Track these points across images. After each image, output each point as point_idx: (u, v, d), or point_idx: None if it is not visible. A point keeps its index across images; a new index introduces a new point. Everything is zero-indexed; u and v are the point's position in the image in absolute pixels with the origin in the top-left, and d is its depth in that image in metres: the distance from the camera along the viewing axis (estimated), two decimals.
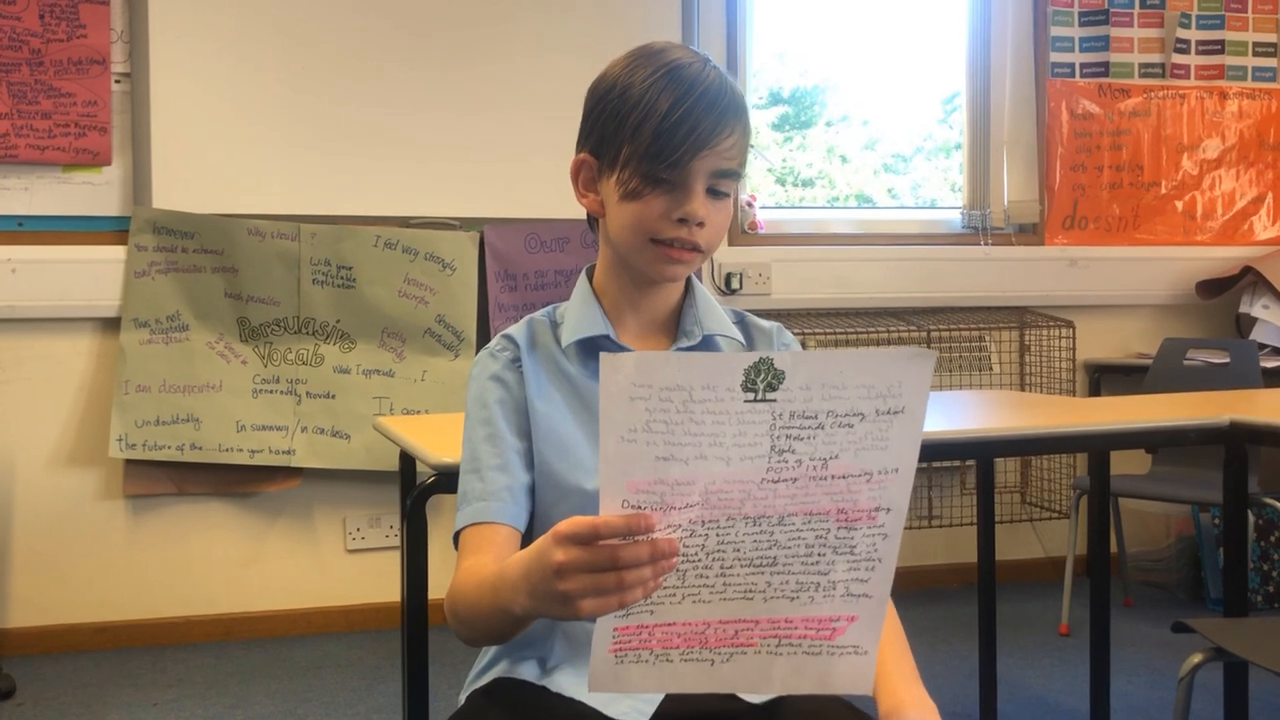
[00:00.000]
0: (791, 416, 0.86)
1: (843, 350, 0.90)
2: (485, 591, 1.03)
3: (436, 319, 3.48)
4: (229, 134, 3.37)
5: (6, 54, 3.22)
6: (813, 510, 0.89)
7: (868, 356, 0.87)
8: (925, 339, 3.85)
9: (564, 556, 0.86)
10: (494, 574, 1.02)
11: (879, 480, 0.89)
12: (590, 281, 1.28)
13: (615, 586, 0.85)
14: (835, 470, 0.88)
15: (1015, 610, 3.55)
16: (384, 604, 3.48)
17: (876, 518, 0.90)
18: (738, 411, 0.85)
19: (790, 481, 0.88)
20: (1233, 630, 1.86)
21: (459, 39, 3.53)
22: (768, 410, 0.85)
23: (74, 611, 3.32)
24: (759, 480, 0.87)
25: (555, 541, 0.87)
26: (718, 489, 0.87)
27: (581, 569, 0.86)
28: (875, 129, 4.37)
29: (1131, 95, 4.15)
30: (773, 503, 0.88)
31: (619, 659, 0.92)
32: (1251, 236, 4.27)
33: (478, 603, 1.06)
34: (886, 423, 0.88)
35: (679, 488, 0.86)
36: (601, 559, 0.85)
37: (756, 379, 0.84)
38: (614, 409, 0.84)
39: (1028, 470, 4.01)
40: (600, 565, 0.85)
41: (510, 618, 0.99)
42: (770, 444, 0.86)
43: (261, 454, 3.37)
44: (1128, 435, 2.22)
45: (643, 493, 0.85)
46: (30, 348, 3.29)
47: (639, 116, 1.15)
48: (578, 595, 0.86)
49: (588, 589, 0.86)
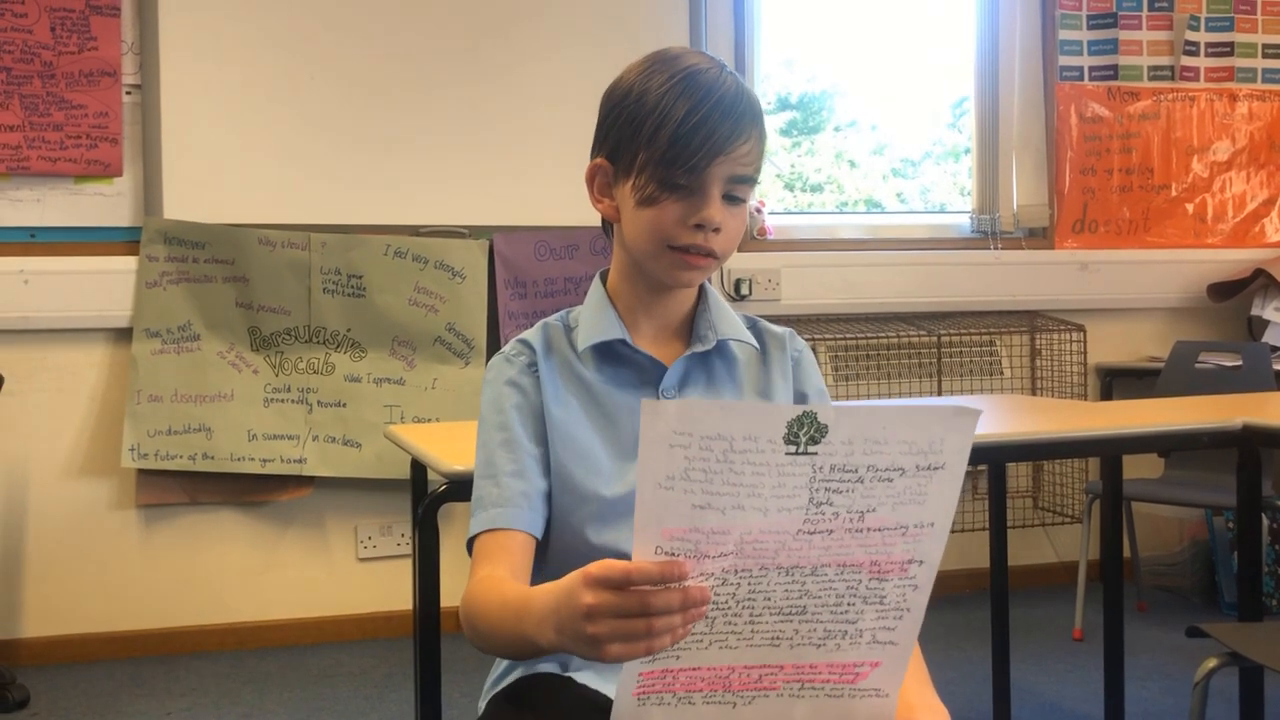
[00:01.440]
0: (832, 470, 0.85)
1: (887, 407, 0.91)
2: (508, 615, 1.02)
3: (447, 327, 3.49)
4: (239, 144, 3.39)
5: (19, 67, 3.24)
6: (846, 562, 0.89)
7: (912, 414, 0.87)
8: (935, 343, 3.84)
9: (594, 599, 0.85)
10: (518, 599, 1.00)
11: (914, 534, 0.89)
12: (605, 285, 1.28)
13: (644, 633, 0.84)
14: (872, 523, 0.87)
15: (1028, 616, 3.54)
16: (396, 612, 3.48)
17: (909, 570, 0.90)
18: (778, 464, 0.84)
19: (826, 534, 0.87)
20: (1248, 635, 1.85)
21: (468, 48, 3.54)
22: (808, 463, 0.84)
23: (87, 621, 3.33)
24: (795, 532, 0.86)
25: (585, 583, 0.86)
26: (753, 539, 0.86)
27: (611, 613, 0.84)
28: (884, 134, 4.37)
29: (1141, 98, 4.14)
30: (807, 554, 0.87)
31: (641, 701, 0.92)
32: (1263, 239, 4.25)
33: (499, 624, 1.04)
34: (926, 478, 0.87)
35: (714, 536, 0.85)
36: (632, 604, 0.84)
37: (799, 432, 0.84)
38: (653, 455, 0.83)
39: (1040, 475, 3.99)
40: (630, 610, 0.84)
41: (534, 647, 0.98)
42: (809, 496, 0.85)
43: (273, 463, 3.38)
44: (1140, 439, 2.22)
45: (677, 540, 0.85)
46: (43, 358, 3.31)
47: (655, 122, 1.15)
48: (606, 639, 0.85)
49: (616, 633, 0.85)
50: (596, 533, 1.19)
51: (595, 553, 1.18)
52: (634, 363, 1.25)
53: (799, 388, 1.30)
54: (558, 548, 1.21)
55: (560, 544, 1.21)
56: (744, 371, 1.28)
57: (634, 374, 1.25)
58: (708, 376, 1.27)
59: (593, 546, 1.18)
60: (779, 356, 1.29)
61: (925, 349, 3.85)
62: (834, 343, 3.77)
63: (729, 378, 1.27)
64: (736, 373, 1.28)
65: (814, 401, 1.30)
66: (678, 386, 1.25)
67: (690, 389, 1.25)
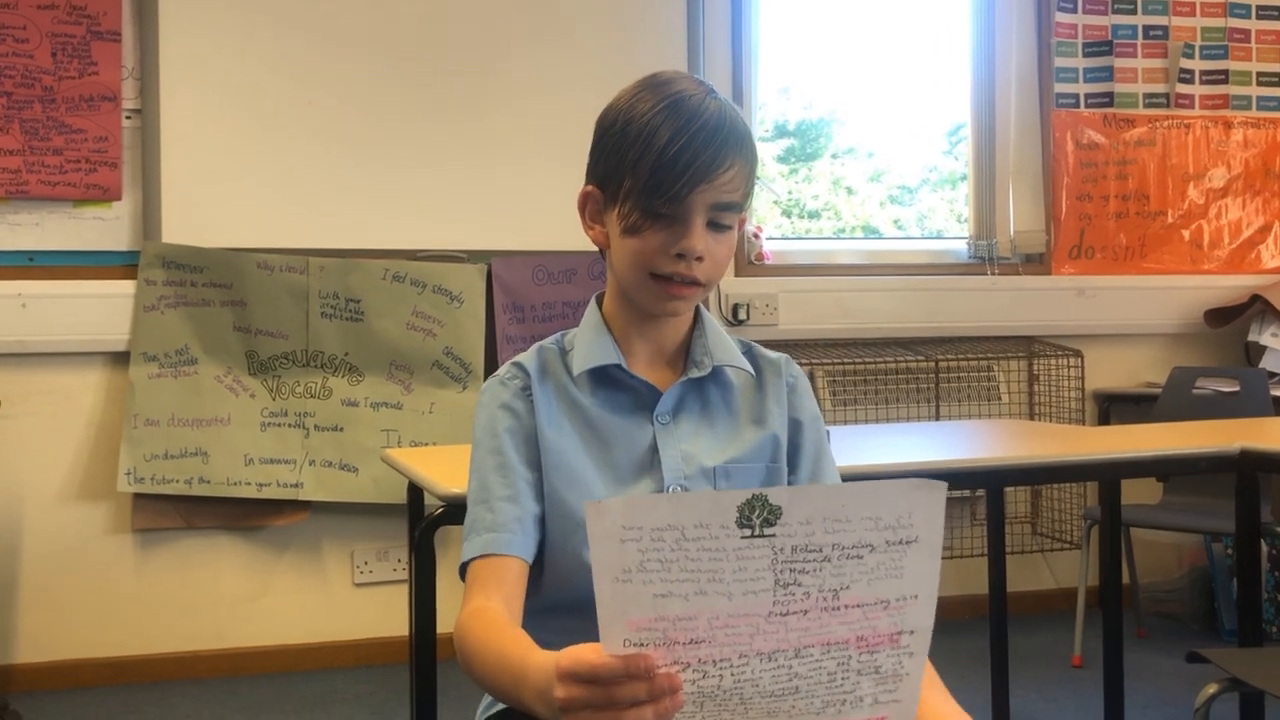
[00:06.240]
0: (794, 551, 0.84)
1: (843, 485, 0.89)
2: (504, 675, 1.01)
3: (444, 351, 3.49)
4: (238, 169, 3.40)
5: (19, 91, 3.25)
6: (830, 640, 0.87)
7: (871, 490, 0.85)
8: (933, 369, 3.84)
9: (564, 694, 0.85)
10: (516, 663, 1.00)
11: (897, 607, 0.87)
12: (600, 309, 1.28)
13: None
14: (848, 600, 0.86)
15: (1027, 642, 3.52)
16: (392, 638, 3.46)
17: (900, 640, 0.88)
18: (735, 548, 0.83)
19: (801, 614, 0.85)
20: (1248, 660, 1.84)
21: (466, 74, 3.56)
22: (767, 545, 0.83)
23: (82, 647, 3.31)
24: (766, 614, 0.85)
25: (557, 677, 0.86)
26: (722, 623, 0.85)
27: (583, 707, 0.85)
28: (881, 161, 4.38)
29: (1136, 125, 4.16)
30: (785, 636, 0.86)
31: None
32: (1259, 265, 4.26)
33: (495, 677, 1.04)
34: (900, 552, 0.85)
35: (680, 623, 0.84)
36: (600, 698, 0.84)
37: (751, 515, 0.82)
38: (605, 552, 0.83)
39: (1038, 501, 3.98)
40: (600, 703, 0.84)
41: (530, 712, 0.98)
42: (774, 578, 0.84)
43: (269, 487, 3.37)
44: (1139, 464, 2.22)
45: (644, 630, 0.84)
46: (40, 382, 3.30)
47: (639, 150, 1.15)
48: None
49: None
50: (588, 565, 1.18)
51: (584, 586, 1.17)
52: (629, 388, 1.25)
53: (794, 414, 1.29)
54: (551, 571, 1.21)
55: (554, 568, 1.20)
56: (739, 398, 1.28)
57: (629, 399, 1.25)
58: (702, 403, 1.26)
59: (582, 580, 1.17)
60: (774, 383, 1.29)
61: (923, 374, 3.86)
62: (831, 367, 3.77)
63: (724, 404, 1.27)
64: (731, 399, 1.27)
65: (808, 427, 1.30)
66: (672, 412, 1.24)
67: (685, 415, 1.25)
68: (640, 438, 1.23)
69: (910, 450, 2.39)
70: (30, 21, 3.26)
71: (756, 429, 1.26)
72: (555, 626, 1.09)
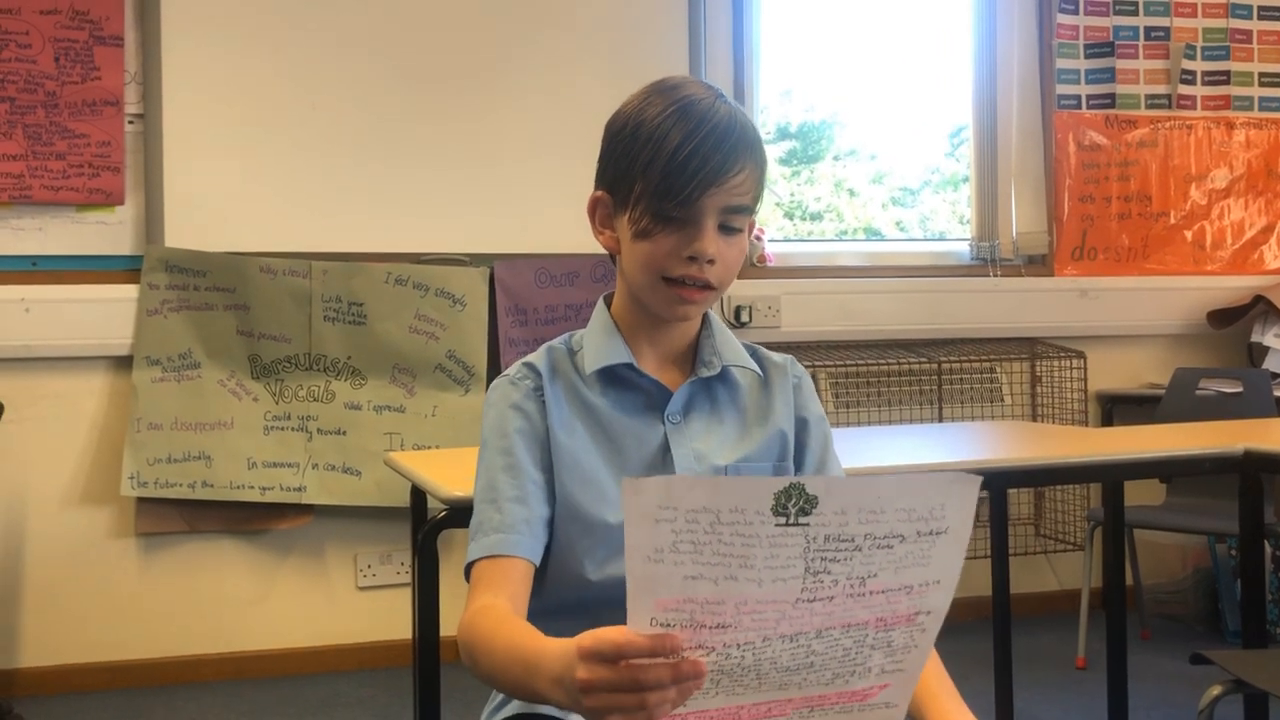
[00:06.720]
0: (827, 540, 0.84)
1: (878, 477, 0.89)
2: (516, 663, 1.01)
3: (447, 354, 3.49)
4: (241, 173, 3.40)
5: (22, 96, 3.26)
6: (851, 623, 0.88)
7: (908, 482, 0.85)
8: (936, 370, 3.84)
9: (587, 674, 0.85)
10: (529, 651, 0.99)
11: (919, 591, 0.88)
12: (609, 309, 1.28)
13: (638, 706, 0.84)
14: (874, 587, 0.86)
15: (1031, 644, 3.52)
16: (395, 641, 3.46)
17: (916, 619, 0.89)
18: (768, 535, 0.83)
19: (827, 600, 0.86)
20: (1252, 661, 1.84)
21: (466, 77, 3.56)
22: (800, 534, 0.83)
23: (85, 651, 3.31)
24: (793, 601, 0.85)
25: (580, 657, 0.85)
26: (750, 609, 0.85)
27: (605, 688, 0.84)
28: (883, 163, 4.39)
29: (1138, 126, 4.16)
30: (809, 620, 0.86)
31: None
32: (1262, 265, 4.26)
33: (505, 668, 1.03)
34: (929, 543, 0.86)
35: (709, 606, 0.84)
36: (624, 680, 0.83)
37: (787, 503, 0.82)
38: (638, 531, 0.82)
39: (1041, 502, 3.98)
40: (623, 685, 0.84)
41: (543, 701, 0.97)
42: (804, 566, 0.84)
43: (273, 491, 3.37)
44: (1142, 465, 2.22)
45: (672, 610, 0.84)
46: (43, 386, 3.31)
47: (649, 154, 1.15)
48: (603, 711, 0.85)
49: (612, 707, 0.85)
50: (597, 568, 1.18)
51: (591, 589, 1.18)
52: (639, 387, 1.25)
53: (800, 413, 1.30)
54: (555, 577, 1.20)
55: (557, 574, 1.20)
56: (747, 397, 1.28)
57: (639, 399, 1.25)
58: (712, 402, 1.27)
59: (590, 583, 1.17)
60: (780, 382, 1.29)
61: (926, 375, 3.86)
62: (834, 369, 3.77)
63: (732, 403, 1.27)
64: (739, 399, 1.28)
65: (814, 426, 1.30)
66: (683, 411, 1.25)
67: (695, 414, 1.25)
68: (651, 438, 1.23)
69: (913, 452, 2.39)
70: (33, 27, 3.26)
71: (764, 428, 1.27)
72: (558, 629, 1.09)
